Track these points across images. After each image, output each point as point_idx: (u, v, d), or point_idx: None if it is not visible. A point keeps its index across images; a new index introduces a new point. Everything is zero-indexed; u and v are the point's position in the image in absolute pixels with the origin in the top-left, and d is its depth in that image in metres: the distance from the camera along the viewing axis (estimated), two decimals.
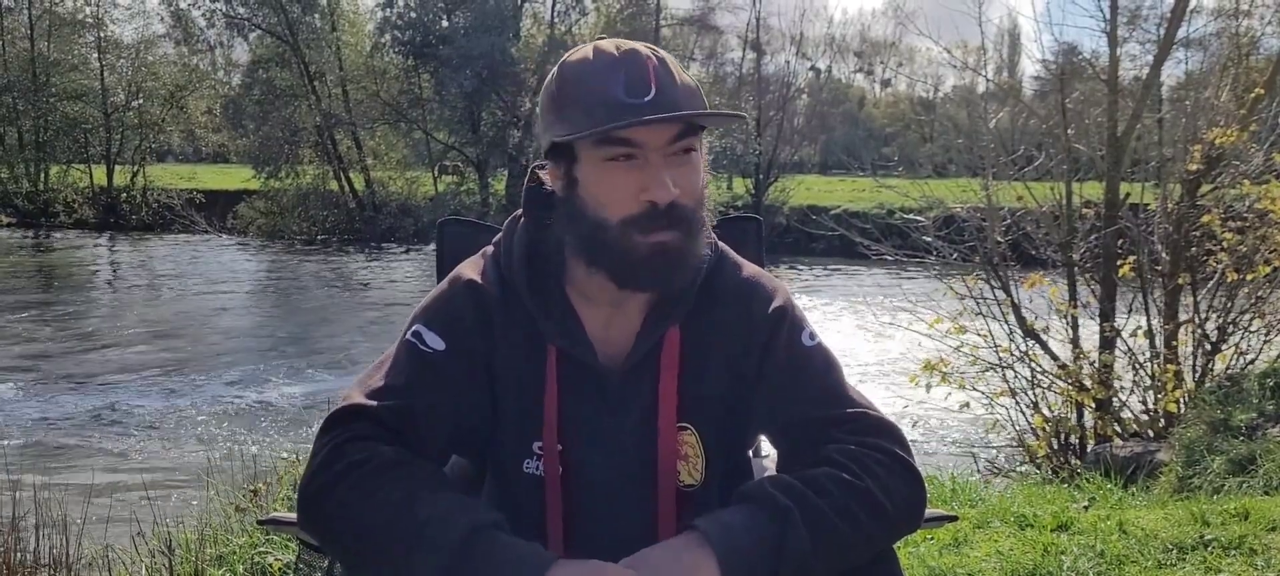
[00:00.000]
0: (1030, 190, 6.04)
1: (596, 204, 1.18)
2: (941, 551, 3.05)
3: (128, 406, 8.58)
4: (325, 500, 1.12)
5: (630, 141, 1.15)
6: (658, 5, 30.33)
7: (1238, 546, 2.88)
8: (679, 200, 1.16)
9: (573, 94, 1.18)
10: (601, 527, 1.25)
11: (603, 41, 1.22)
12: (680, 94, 1.16)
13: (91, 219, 28.94)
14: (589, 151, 1.17)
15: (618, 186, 1.16)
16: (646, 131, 1.15)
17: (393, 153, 29.45)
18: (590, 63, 1.19)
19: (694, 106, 1.17)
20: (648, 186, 1.15)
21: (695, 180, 1.20)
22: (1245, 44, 6.74)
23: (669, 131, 1.16)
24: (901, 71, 50.41)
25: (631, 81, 1.15)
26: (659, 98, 1.14)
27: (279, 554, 3.19)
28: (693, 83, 1.20)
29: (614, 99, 1.14)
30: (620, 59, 1.17)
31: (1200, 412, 4.50)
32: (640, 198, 1.15)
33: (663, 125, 1.15)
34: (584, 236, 1.19)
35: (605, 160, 1.17)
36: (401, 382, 1.21)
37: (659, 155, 1.16)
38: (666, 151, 1.16)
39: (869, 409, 1.23)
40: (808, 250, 20.21)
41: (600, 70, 1.17)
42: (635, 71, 1.16)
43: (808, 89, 38.03)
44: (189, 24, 30.42)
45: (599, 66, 1.18)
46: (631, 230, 1.16)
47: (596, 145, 1.16)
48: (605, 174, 1.17)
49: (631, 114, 1.13)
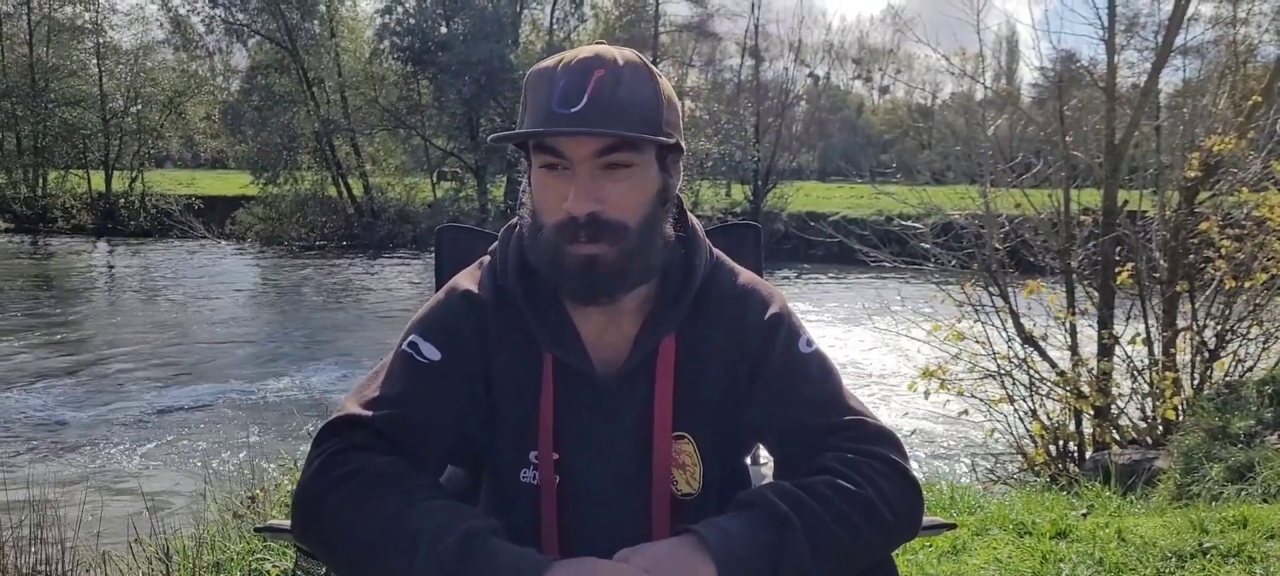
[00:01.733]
0: (1028, 197, 6.04)
1: (538, 210, 1.22)
2: (940, 559, 3.04)
3: (124, 412, 8.56)
4: (319, 509, 1.12)
5: (557, 151, 1.17)
6: (656, 12, 30.38)
7: (1236, 554, 2.88)
8: (602, 213, 1.16)
9: (527, 98, 1.22)
10: (598, 536, 1.24)
11: (582, 47, 1.22)
12: (612, 108, 1.15)
13: (89, 224, 28.91)
14: (533, 158, 1.21)
15: (548, 194, 1.19)
16: (571, 143, 1.16)
17: (391, 159, 29.48)
18: (544, 70, 1.21)
19: (634, 123, 1.16)
20: (567, 197, 1.16)
21: (631, 195, 1.19)
22: (1243, 51, 6.76)
23: (594, 144, 1.16)
24: (900, 78, 50.42)
25: (567, 91, 1.16)
26: (587, 110, 1.14)
27: (276, 561, 3.18)
28: (654, 95, 1.20)
29: (545, 108, 1.16)
30: (569, 67, 1.18)
31: (1198, 420, 4.50)
32: (563, 206, 1.17)
33: (584, 138, 1.15)
34: (532, 240, 1.23)
35: (540, 167, 1.20)
36: (397, 393, 1.21)
37: (585, 167, 1.16)
38: (594, 164, 1.16)
39: (866, 416, 1.23)
40: (806, 257, 20.21)
41: (547, 78, 1.19)
42: (574, 82, 1.16)
43: (806, 95, 38.10)
44: (188, 30, 30.47)
45: (549, 75, 1.19)
46: (561, 239, 1.18)
47: (535, 152, 1.20)
48: (540, 181, 1.20)
49: (552, 123, 1.15)
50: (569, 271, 1.19)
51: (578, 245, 1.17)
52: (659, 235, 1.23)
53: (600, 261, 1.17)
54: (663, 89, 1.22)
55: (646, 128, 1.17)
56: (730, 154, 27.10)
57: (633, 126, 1.16)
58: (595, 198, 1.16)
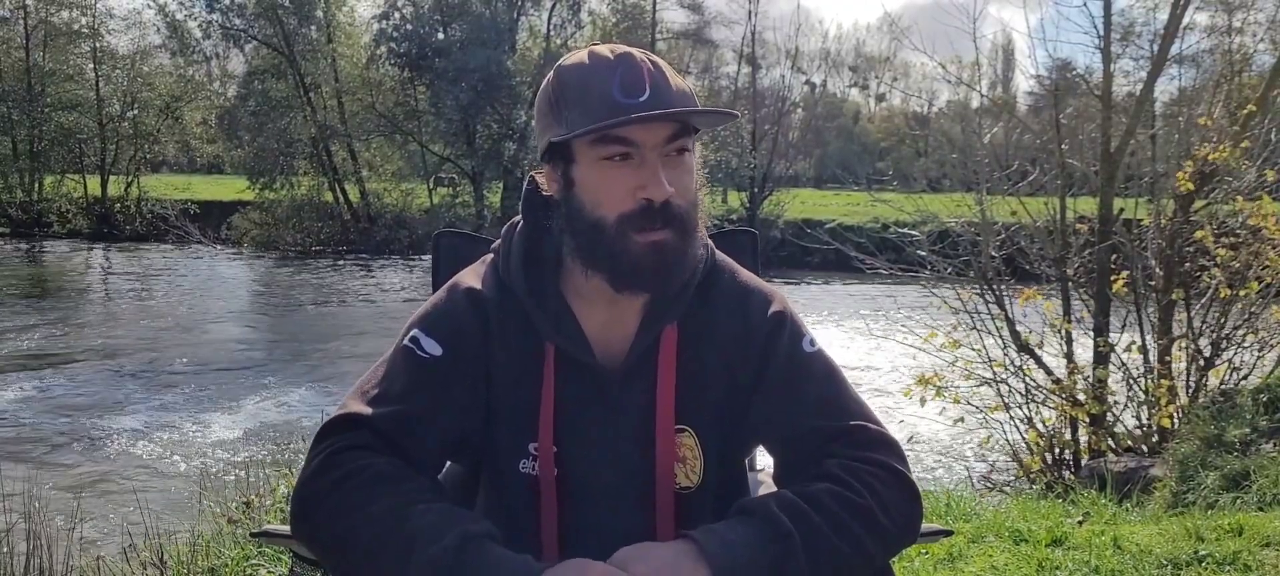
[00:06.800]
0: (1024, 205, 6.05)
1: (594, 203, 1.19)
2: (936, 566, 3.05)
3: (119, 417, 8.54)
4: (317, 509, 1.12)
5: (627, 140, 1.17)
6: (653, 19, 30.44)
7: (1232, 562, 2.88)
8: (674, 199, 1.18)
9: (570, 95, 1.20)
10: (597, 529, 1.24)
11: (598, 46, 1.24)
12: (674, 95, 1.18)
13: (85, 229, 28.86)
14: (586, 151, 1.19)
15: (614, 185, 1.18)
16: (642, 130, 1.17)
17: (388, 164, 29.46)
18: (587, 65, 1.21)
19: (688, 108, 1.19)
20: (644, 184, 1.17)
21: (690, 181, 1.22)
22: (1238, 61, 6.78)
23: (664, 131, 1.18)
24: (896, 86, 50.59)
25: (627, 82, 1.17)
26: (654, 97, 1.16)
27: (271, 566, 3.18)
28: (687, 86, 1.22)
29: (610, 98, 1.16)
30: (616, 61, 1.19)
31: (1194, 428, 4.51)
32: (636, 195, 1.17)
33: (658, 124, 1.17)
34: (581, 237, 1.21)
35: (601, 159, 1.18)
36: (398, 389, 1.21)
37: (654, 154, 1.18)
38: (662, 151, 1.18)
39: (868, 421, 1.23)
40: (802, 264, 20.21)
41: (597, 71, 1.19)
42: (630, 72, 1.18)
43: (803, 103, 38.10)
44: (185, 35, 30.38)
45: (595, 68, 1.20)
46: (628, 228, 1.18)
47: (593, 144, 1.18)
48: (602, 173, 1.19)
49: (627, 113, 1.15)
50: (637, 260, 1.18)
51: (647, 233, 1.17)
52: (700, 222, 1.25)
53: (666, 247, 1.18)
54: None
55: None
56: (726, 160, 27.12)
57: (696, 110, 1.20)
58: (668, 182, 1.17)
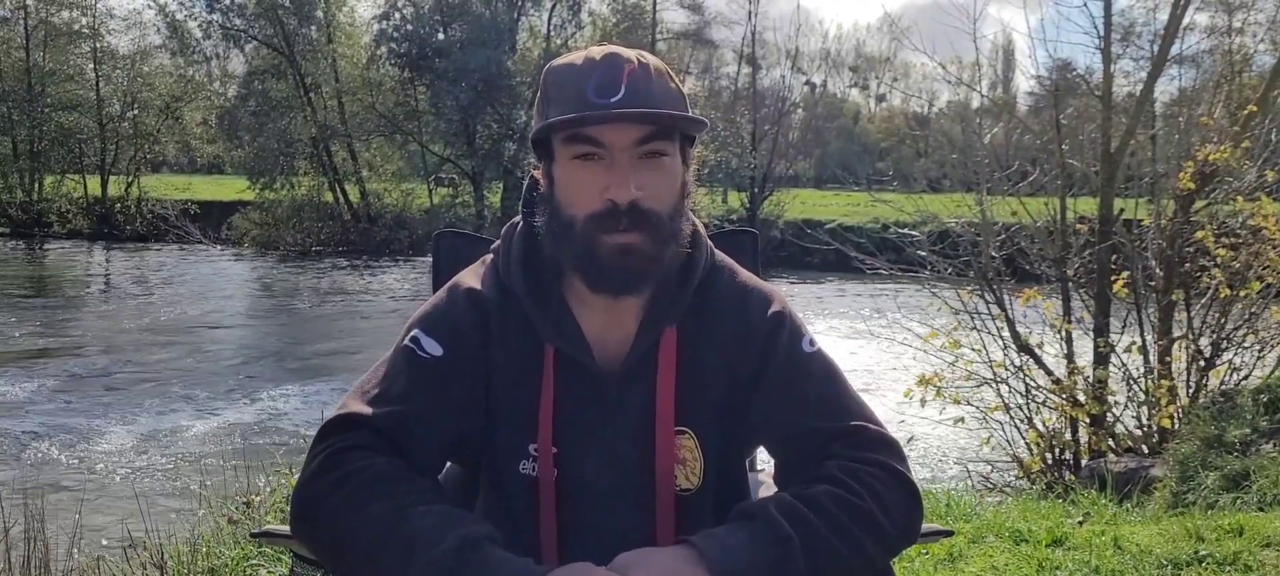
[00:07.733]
0: (1024, 205, 6.05)
1: (567, 202, 1.20)
2: (937, 566, 3.05)
3: (119, 417, 8.53)
4: (317, 509, 1.12)
5: (596, 140, 1.17)
6: (654, 20, 30.42)
7: (1232, 562, 2.88)
8: (641, 202, 1.17)
9: (552, 93, 1.22)
10: (596, 530, 1.24)
11: (594, 47, 1.24)
12: (651, 97, 1.17)
13: (85, 229, 28.83)
14: (561, 149, 1.20)
15: (583, 184, 1.19)
16: (611, 131, 1.17)
17: (388, 165, 29.44)
18: (572, 64, 1.22)
19: (653, 109, 1.18)
20: (609, 184, 1.17)
21: (665, 185, 1.21)
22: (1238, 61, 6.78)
23: (634, 132, 1.17)
24: (896, 87, 50.60)
25: (603, 82, 1.17)
26: (627, 99, 1.16)
27: (271, 567, 3.17)
28: (677, 90, 1.22)
29: (583, 97, 1.17)
30: (599, 61, 1.20)
31: (1194, 428, 4.51)
32: (603, 195, 1.17)
33: (629, 125, 1.17)
34: (557, 235, 1.22)
35: (573, 158, 1.19)
36: (398, 390, 1.21)
37: (625, 156, 1.17)
38: (633, 153, 1.18)
39: (869, 421, 1.23)
40: (802, 264, 20.19)
41: (577, 71, 1.20)
42: (609, 73, 1.18)
43: (803, 103, 38.12)
44: (185, 35, 30.32)
45: (578, 68, 1.21)
46: (596, 229, 1.18)
47: (566, 143, 1.19)
48: (573, 171, 1.20)
49: (596, 111, 1.15)
50: (604, 261, 1.18)
51: (615, 234, 1.17)
52: (681, 227, 1.24)
53: (636, 250, 1.18)
54: (681, 86, 1.24)
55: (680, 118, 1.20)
56: (727, 161, 27.12)
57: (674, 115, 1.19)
58: (636, 185, 1.17)
